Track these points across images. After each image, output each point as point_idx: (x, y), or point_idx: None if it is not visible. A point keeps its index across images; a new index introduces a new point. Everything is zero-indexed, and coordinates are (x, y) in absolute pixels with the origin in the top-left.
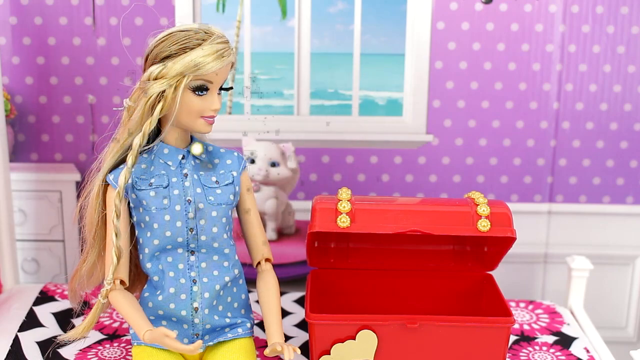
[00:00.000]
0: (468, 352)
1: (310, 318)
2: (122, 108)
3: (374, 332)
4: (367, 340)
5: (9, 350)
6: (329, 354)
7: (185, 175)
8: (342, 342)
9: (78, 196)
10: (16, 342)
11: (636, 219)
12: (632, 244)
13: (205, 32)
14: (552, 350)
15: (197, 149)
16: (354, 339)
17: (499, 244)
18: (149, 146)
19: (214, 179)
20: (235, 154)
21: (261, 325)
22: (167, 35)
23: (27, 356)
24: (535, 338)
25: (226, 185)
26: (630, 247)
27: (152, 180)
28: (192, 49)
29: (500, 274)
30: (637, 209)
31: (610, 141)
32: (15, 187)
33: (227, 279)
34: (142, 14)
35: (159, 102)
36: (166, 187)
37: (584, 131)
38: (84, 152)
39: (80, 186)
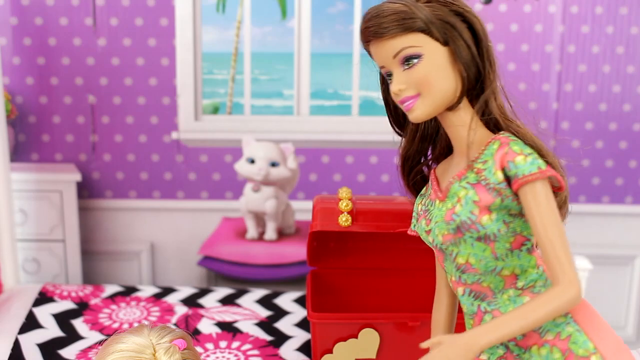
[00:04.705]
0: None
1: (312, 317)
2: None
3: (376, 330)
4: (369, 338)
5: (10, 355)
6: (331, 352)
7: None
8: (345, 341)
9: (79, 196)
10: (16, 344)
11: (635, 219)
12: (632, 244)
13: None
14: None
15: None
16: (356, 337)
17: None
18: None
19: None
20: None
21: (262, 325)
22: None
23: (27, 358)
24: None
25: None
26: (629, 247)
27: None
28: None
29: None
30: (637, 209)
31: (609, 141)
32: (16, 187)
33: None
34: (142, 14)
35: None
36: None
37: (584, 131)
38: (84, 152)
39: (80, 186)
